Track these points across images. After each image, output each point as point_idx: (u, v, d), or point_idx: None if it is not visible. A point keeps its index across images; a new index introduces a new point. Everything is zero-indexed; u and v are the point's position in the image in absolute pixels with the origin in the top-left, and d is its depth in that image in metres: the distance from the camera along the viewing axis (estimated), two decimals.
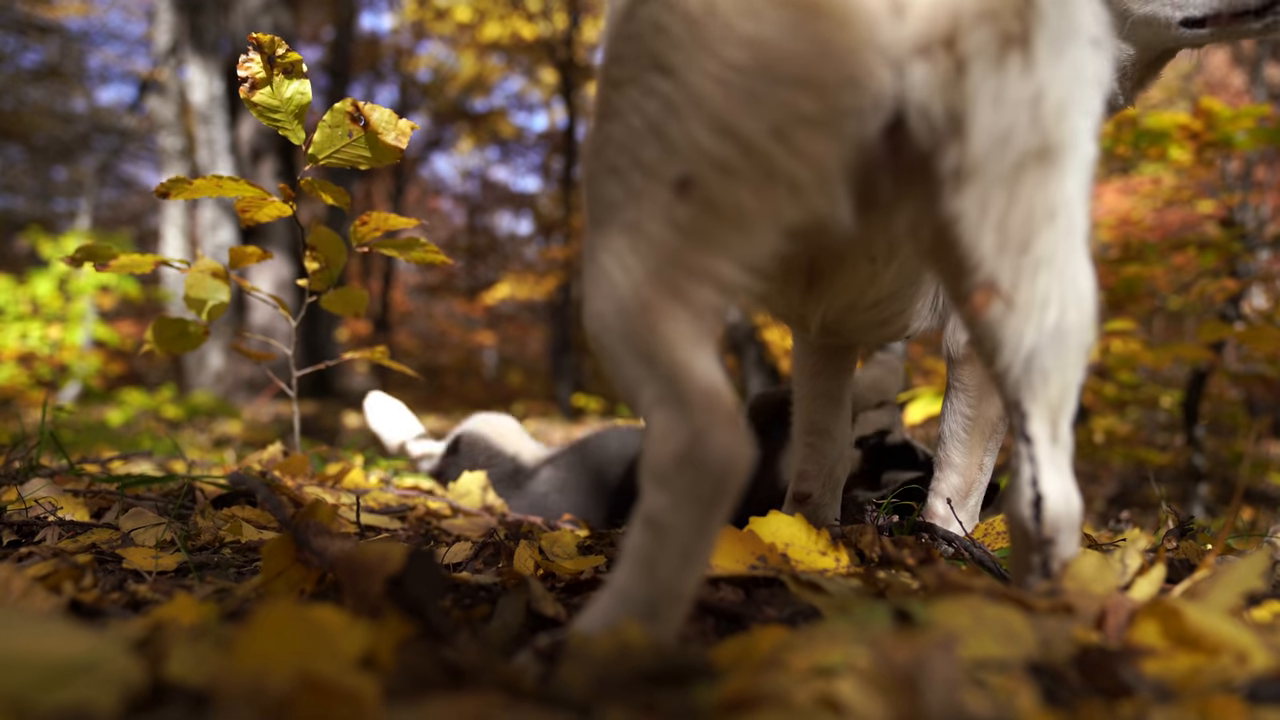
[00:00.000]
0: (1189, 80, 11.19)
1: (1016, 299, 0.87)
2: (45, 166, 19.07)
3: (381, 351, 2.22)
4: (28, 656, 0.58)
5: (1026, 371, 0.90)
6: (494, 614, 1.02)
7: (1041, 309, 0.87)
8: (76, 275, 9.13)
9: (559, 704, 0.66)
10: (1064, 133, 0.85)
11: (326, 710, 0.58)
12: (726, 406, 0.79)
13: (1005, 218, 0.84)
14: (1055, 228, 0.86)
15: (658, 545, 0.79)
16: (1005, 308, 0.87)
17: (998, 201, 0.84)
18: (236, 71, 1.68)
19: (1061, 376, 0.91)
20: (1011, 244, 0.85)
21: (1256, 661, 0.75)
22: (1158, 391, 6.02)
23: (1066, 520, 0.93)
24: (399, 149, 1.73)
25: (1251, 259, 4.29)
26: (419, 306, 24.59)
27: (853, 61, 0.78)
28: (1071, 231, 0.88)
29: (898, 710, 0.63)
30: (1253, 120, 3.78)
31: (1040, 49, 0.82)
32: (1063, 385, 0.92)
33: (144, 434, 6.78)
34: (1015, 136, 0.82)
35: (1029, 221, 0.85)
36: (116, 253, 1.83)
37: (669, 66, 0.83)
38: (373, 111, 1.70)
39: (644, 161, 0.84)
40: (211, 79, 10.41)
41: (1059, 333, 0.89)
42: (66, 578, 1.09)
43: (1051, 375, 0.90)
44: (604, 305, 0.86)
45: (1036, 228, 0.85)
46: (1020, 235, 0.85)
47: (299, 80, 1.70)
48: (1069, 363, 0.91)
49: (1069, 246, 0.88)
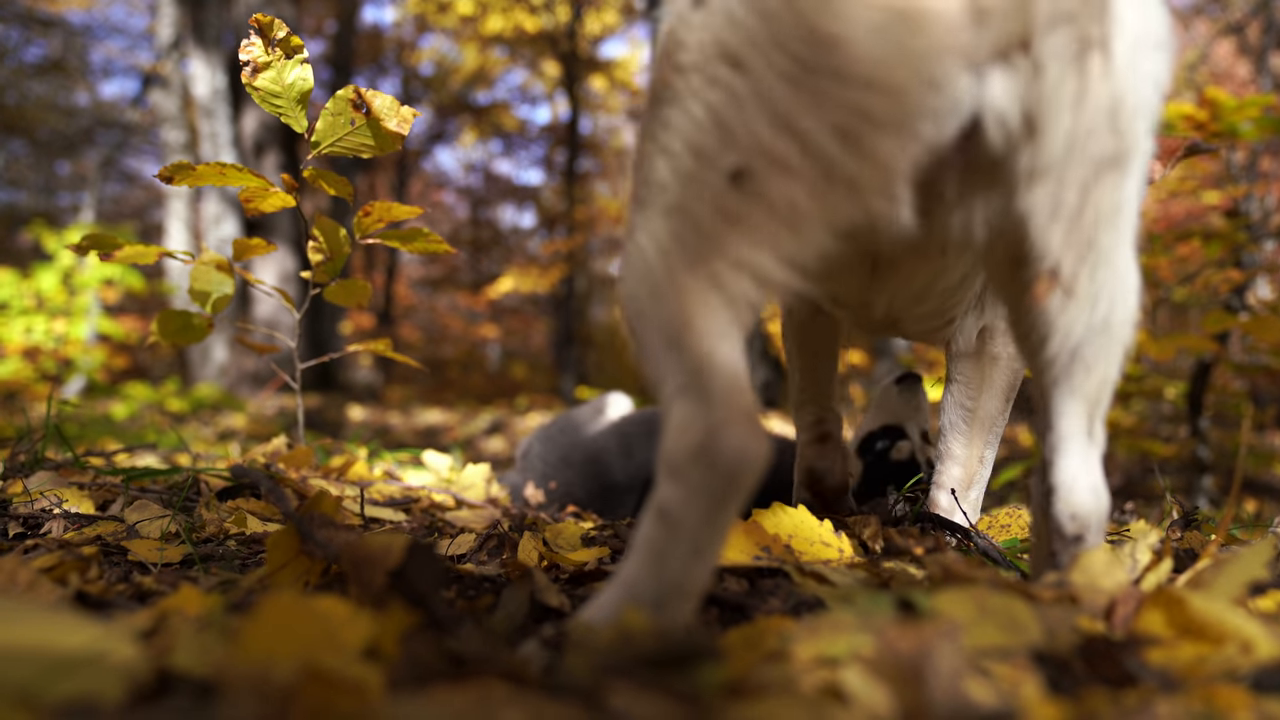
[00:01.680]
0: (1194, 70, 11.14)
1: (1076, 290, 0.88)
2: (49, 161, 19.08)
3: (385, 344, 2.22)
4: (33, 647, 0.58)
5: (1071, 361, 0.92)
6: (498, 605, 1.02)
7: (1094, 302, 0.89)
8: (80, 269, 9.14)
9: (563, 692, 0.66)
10: (1136, 136, 0.86)
11: (331, 701, 0.58)
12: (746, 402, 0.79)
13: (1076, 215, 0.86)
14: (1116, 225, 0.88)
15: (669, 538, 0.79)
16: (1065, 297, 0.88)
17: (1070, 200, 0.85)
18: (239, 65, 1.67)
19: (1103, 370, 0.93)
20: (1079, 239, 0.87)
21: (1262, 651, 0.75)
22: (1162, 383, 6.00)
23: (1096, 518, 0.93)
24: (401, 135, 1.72)
25: (1257, 249, 4.28)
26: (422, 300, 24.59)
27: (934, 65, 0.78)
28: (1128, 229, 0.90)
29: (902, 699, 0.63)
30: (1258, 110, 3.76)
31: (1120, 53, 0.82)
32: (1102, 379, 0.93)
33: (148, 428, 6.80)
34: (1094, 140, 0.83)
35: (1097, 219, 0.86)
36: (121, 243, 1.83)
37: (738, 59, 0.82)
38: (375, 98, 1.69)
39: (700, 148, 0.84)
40: (214, 72, 10.41)
41: (1106, 325, 0.90)
42: (72, 569, 1.09)
43: (1094, 368, 0.92)
44: (638, 287, 0.86)
45: (1103, 224, 0.87)
46: (1088, 231, 0.86)
47: (301, 65, 1.69)
48: (1112, 356, 0.93)
49: (1124, 243, 0.90)
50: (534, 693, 0.65)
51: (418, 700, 0.60)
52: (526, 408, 13.26)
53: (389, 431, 10.15)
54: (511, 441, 9.96)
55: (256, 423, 7.73)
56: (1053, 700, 0.67)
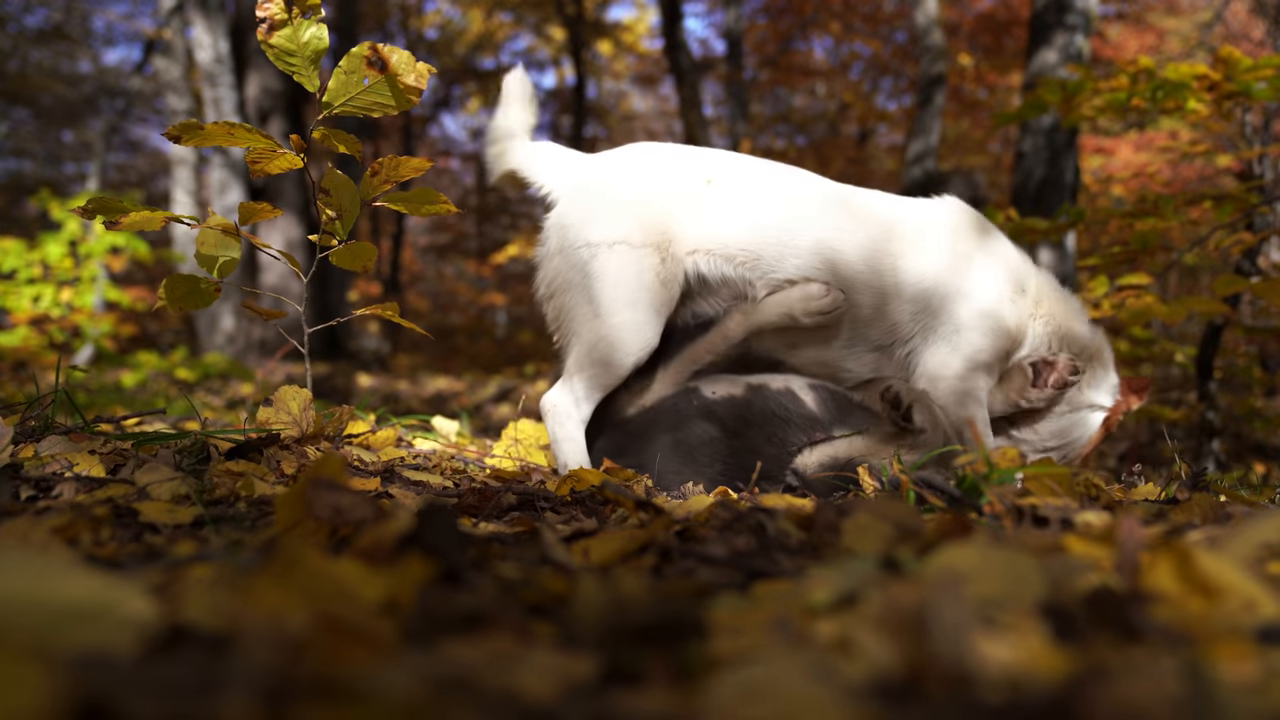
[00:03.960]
0: (1208, 30, 10.97)
1: None
2: (53, 129, 19.02)
3: (393, 307, 2.22)
4: (44, 597, 0.58)
5: None
6: (510, 560, 1.03)
7: None
8: (87, 238, 9.14)
9: (573, 645, 0.67)
10: None
11: (345, 652, 0.59)
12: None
13: None
14: None
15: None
16: None
17: None
18: (242, 31, 1.67)
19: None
20: None
21: (1265, 610, 0.75)
22: (1172, 347, 5.98)
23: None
24: (419, 89, 1.72)
25: (1269, 212, 4.24)
26: (429, 267, 24.56)
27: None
28: None
29: (905, 653, 0.63)
30: (1272, 70, 3.71)
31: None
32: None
33: (158, 396, 6.83)
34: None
35: None
36: (128, 207, 1.83)
37: None
38: (392, 54, 1.69)
39: None
40: (217, 39, 10.33)
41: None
42: (84, 529, 1.10)
43: None
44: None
45: None
46: None
47: (317, 25, 1.69)
48: None
49: None
50: (544, 647, 0.66)
51: (431, 652, 0.60)
52: (534, 374, 13.27)
53: (398, 398, 10.17)
54: (520, 408, 9.97)
55: (265, 391, 7.76)
56: (1059, 650, 0.67)
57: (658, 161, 2.39)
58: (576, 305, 2.26)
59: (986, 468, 1.33)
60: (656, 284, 2.24)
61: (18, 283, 8.99)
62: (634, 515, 1.36)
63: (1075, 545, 0.92)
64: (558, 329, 2.35)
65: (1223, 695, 0.56)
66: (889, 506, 1.09)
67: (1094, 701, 0.54)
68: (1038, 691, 0.60)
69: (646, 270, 2.23)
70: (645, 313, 2.23)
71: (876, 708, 0.56)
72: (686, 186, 2.33)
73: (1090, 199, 12.78)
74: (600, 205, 2.29)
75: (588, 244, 2.25)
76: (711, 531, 1.21)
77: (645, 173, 2.35)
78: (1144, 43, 15.55)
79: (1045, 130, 7.93)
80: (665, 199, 2.30)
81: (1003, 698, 0.60)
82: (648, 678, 0.62)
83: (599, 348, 2.24)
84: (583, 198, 2.33)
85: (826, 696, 0.55)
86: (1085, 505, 1.42)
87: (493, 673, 0.59)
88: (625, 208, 2.27)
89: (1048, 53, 7.95)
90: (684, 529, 1.22)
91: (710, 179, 2.33)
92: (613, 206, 2.28)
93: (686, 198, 2.31)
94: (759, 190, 2.36)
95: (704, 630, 0.69)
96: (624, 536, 1.11)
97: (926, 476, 1.42)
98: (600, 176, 2.36)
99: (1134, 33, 16.07)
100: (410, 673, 0.56)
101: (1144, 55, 3.98)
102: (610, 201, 2.29)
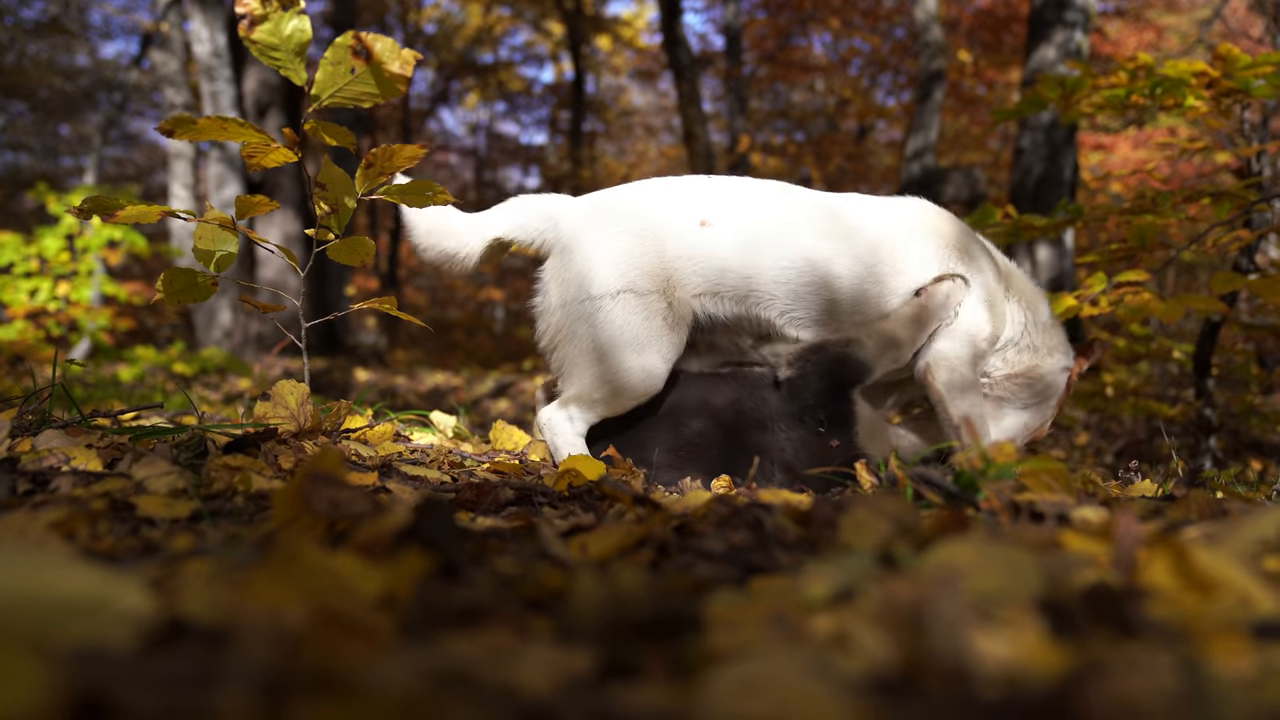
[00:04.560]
0: (1206, 27, 10.97)
1: None
2: (50, 123, 18.98)
3: (390, 301, 2.22)
4: (41, 592, 0.58)
5: None
6: (508, 555, 1.03)
7: None
8: (84, 232, 9.13)
9: (571, 640, 0.67)
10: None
11: (343, 645, 0.59)
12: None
13: None
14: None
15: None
16: None
17: None
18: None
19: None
20: None
21: (1261, 606, 0.75)
22: (1169, 344, 5.98)
23: None
24: (405, 78, 1.71)
25: (1267, 209, 4.24)
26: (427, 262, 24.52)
27: None
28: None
29: (903, 649, 0.63)
30: (1271, 67, 3.70)
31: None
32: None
33: (155, 390, 6.82)
34: None
35: None
36: (124, 203, 1.83)
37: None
38: (375, 42, 1.68)
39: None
40: (214, 32, 10.31)
41: None
42: (81, 523, 1.10)
43: None
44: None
45: None
46: None
47: (298, 17, 1.68)
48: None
49: None
50: (542, 642, 0.66)
51: (429, 646, 0.60)
52: (532, 369, 13.27)
53: (395, 393, 10.17)
54: (518, 403, 9.95)
55: (262, 386, 7.75)
56: (1056, 646, 0.67)
57: (651, 203, 2.37)
58: (582, 355, 2.27)
59: (983, 463, 1.33)
60: (665, 329, 2.25)
61: (14, 276, 8.98)
62: (632, 510, 1.36)
63: (1072, 541, 0.92)
64: (561, 375, 2.36)
65: (1219, 690, 0.56)
66: (886, 502, 1.09)
67: (1091, 697, 0.54)
68: (1035, 687, 0.60)
69: (655, 316, 2.24)
70: (654, 357, 2.24)
71: (874, 703, 0.57)
72: (682, 226, 2.32)
73: (1089, 195, 12.79)
74: (599, 255, 2.27)
75: (590, 297, 2.24)
76: (709, 527, 1.21)
77: (640, 217, 2.33)
78: (1143, 39, 15.56)
79: (1044, 127, 7.93)
80: (662, 243, 2.30)
81: (1000, 693, 0.60)
82: (645, 672, 0.62)
83: (602, 389, 2.26)
84: (579, 246, 2.30)
85: (823, 691, 0.55)
86: (1082, 501, 1.42)
87: (490, 667, 0.59)
88: (625, 255, 2.26)
89: (1047, 49, 7.96)
90: (682, 524, 1.22)
91: (705, 220, 2.32)
92: (612, 255, 2.27)
93: (683, 238, 2.31)
94: (753, 223, 2.35)
95: (701, 625, 0.69)
96: (622, 531, 1.11)
97: (924, 472, 1.43)
98: (595, 223, 2.34)
99: (1133, 29, 16.07)
100: (408, 667, 0.56)
101: (1143, 52, 3.97)
102: (609, 250, 2.28)
